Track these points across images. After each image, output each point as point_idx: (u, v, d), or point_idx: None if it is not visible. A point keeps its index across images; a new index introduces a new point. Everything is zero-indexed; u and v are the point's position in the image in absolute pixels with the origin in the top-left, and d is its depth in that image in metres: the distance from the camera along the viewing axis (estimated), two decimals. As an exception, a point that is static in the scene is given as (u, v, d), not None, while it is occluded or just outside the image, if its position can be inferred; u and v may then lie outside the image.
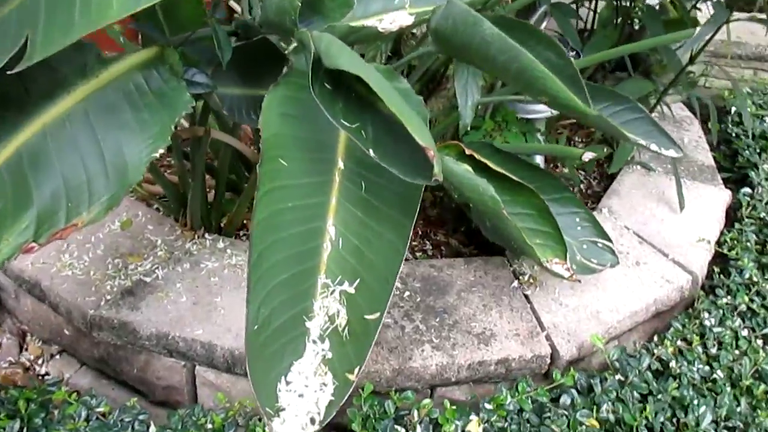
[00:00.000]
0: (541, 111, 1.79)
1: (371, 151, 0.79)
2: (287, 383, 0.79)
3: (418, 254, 1.85)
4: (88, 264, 1.55)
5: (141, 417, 1.21)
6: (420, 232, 1.92)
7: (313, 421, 0.76)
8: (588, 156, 1.36)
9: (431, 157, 0.70)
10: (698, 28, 1.74)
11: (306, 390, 0.79)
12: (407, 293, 1.57)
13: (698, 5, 2.03)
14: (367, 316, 0.82)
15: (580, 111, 0.75)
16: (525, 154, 1.67)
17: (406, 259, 1.76)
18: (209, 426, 1.18)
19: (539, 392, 1.30)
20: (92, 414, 1.20)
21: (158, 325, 1.41)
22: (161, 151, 0.86)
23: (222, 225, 1.78)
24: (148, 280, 1.52)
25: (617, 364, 1.43)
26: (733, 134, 2.45)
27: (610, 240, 1.56)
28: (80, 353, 1.59)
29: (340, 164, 0.94)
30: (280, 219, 0.85)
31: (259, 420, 1.20)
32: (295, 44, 0.99)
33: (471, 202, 1.34)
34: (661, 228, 1.91)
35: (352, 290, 0.85)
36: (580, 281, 1.45)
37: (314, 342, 0.82)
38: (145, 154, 0.86)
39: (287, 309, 0.82)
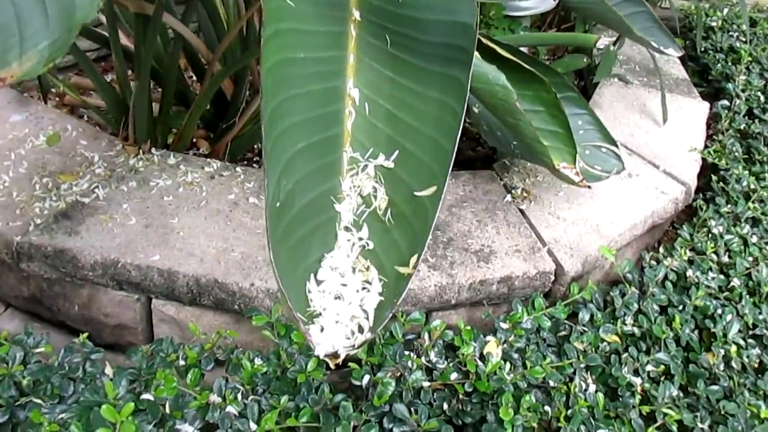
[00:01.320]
0: (528, 8, 1.61)
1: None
2: (318, 282, 0.59)
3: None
4: (9, 184, 1.28)
5: (93, 356, 0.99)
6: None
7: (361, 328, 0.57)
8: (603, 42, 1.19)
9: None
10: None
11: (344, 290, 0.59)
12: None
13: None
14: (417, 193, 0.63)
15: None
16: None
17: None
18: (182, 363, 0.97)
19: (557, 309, 1.16)
20: (30, 356, 0.96)
21: (104, 251, 1.17)
22: (122, -22, 0.62)
23: (169, 142, 1.52)
24: (86, 201, 1.26)
25: (629, 277, 1.30)
26: (701, 49, 2.36)
27: (615, 144, 1.42)
28: (4, 292, 1.32)
29: (355, 14, 0.73)
30: (292, 71, 0.64)
31: (243, 353, 0.99)
32: None
33: (476, 94, 1.16)
34: (648, 140, 1.80)
35: (390, 164, 0.65)
36: (590, 187, 1.30)
37: (347, 230, 0.62)
38: (101, -18, 0.62)
39: (312, 186, 0.62)
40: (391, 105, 0.68)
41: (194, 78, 1.76)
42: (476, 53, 1.10)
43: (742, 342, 1.17)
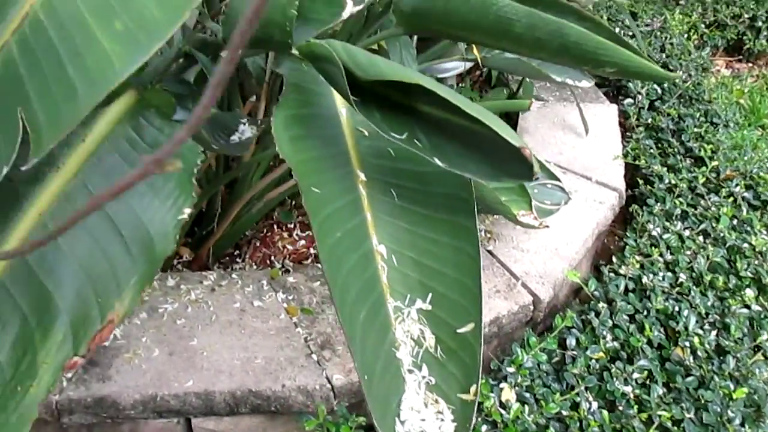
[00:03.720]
0: (452, 69, 1.78)
1: (437, 160, 0.73)
2: (402, 423, 0.74)
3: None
4: (28, 345, 1.34)
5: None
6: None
7: (444, 451, 0.72)
8: (536, 105, 1.38)
9: (528, 156, 0.66)
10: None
11: (425, 424, 0.74)
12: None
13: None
14: (459, 330, 0.78)
15: (656, 76, 0.75)
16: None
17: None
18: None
19: (548, 342, 1.34)
20: None
21: (140, 388, 1.27)
22: (188, 211, 0.74)
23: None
24: (106, 343, 1.34)
25: (597, 294, 1.50)
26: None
27: (557, 179, 1.62)
28: (44, 445, 1.39)
29: (361, 176, 0.87)
30: (338, 253, 0.78)
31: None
32: (286, 59, 0.89)
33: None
34: (576, 154, 2.02)
35: (428, 306, 0.80)
36: (549, 227, 1.49)
37: (410, 372, 0.77)
38: (171, 218, 0.73)
39: (380, 347, 0.76)
40: (414, 253, 0.83)
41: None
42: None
43: (700, 332, 1.39)
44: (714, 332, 1.40)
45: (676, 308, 1.43)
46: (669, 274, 1.54)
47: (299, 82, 0.90)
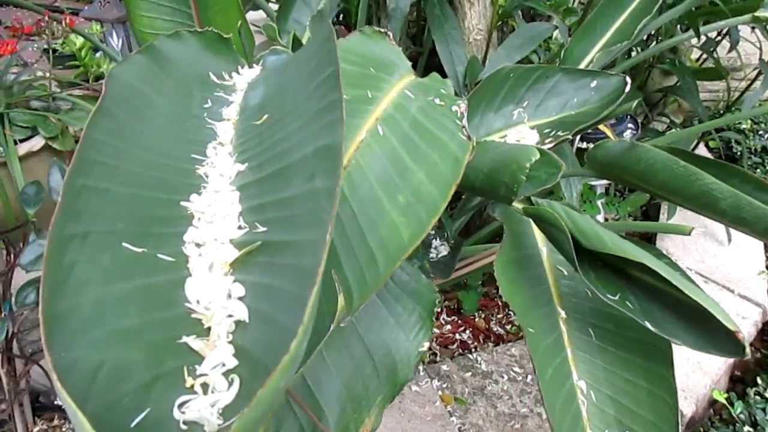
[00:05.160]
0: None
1: (647, 323, 0.84)
2: None
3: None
4: None
5: None
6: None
7: None
8: (695, 231, 1.45)
9: (741, 339, 0.76)
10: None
11: None
12: (530, 377, 1.63)
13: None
14: None
15: None
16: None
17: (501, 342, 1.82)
18: None
19: (697, 462, 1.39)
20: None
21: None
22: (426, 344, 0.89)
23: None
24: None
25: (742, 416, 1.53)
26: (738, 153, 2.63)
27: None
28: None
29: (562, 313, 0.99)
30: (552, 389, 0.89)
31: None
32: (502, 209, 1.04)
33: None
34: (718, 263, 2.05)
35: (624, 444, 0.90)
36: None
37: None
38: (413, 349, 0.88)
39: None
40: (610, 391, 0.93)
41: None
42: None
43: None
44: None
45: (827, 442, 1.44)
46: (817, 403, 1.55)
47: (510, 224, 1.04)
